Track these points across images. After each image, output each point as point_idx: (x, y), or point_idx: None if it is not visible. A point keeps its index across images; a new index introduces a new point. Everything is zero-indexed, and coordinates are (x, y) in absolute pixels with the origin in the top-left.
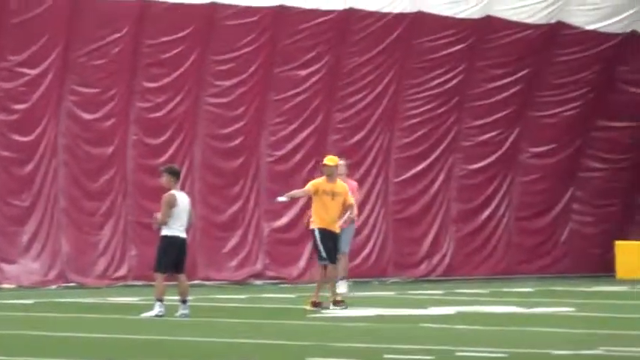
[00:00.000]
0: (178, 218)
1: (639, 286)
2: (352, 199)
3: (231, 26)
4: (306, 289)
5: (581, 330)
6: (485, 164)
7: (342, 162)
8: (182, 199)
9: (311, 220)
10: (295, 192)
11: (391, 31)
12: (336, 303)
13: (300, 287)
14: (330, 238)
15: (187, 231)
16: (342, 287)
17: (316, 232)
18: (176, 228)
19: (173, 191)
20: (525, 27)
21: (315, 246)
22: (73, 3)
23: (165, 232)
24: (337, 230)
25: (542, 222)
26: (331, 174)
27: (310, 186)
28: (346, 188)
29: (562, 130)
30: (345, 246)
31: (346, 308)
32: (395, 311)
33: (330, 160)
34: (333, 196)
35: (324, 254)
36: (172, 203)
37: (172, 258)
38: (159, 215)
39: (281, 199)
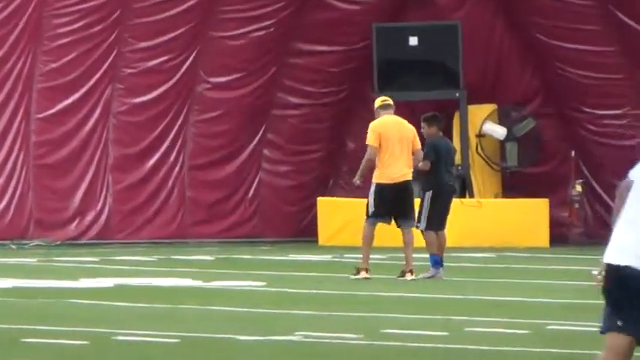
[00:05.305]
0: None
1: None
2: None
3: None
4: None
5: (271, 310)
6: (152, 97)
7: None
8: None
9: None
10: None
11: None
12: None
13: None
14: None
15: None
16: None
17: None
18: None
19: None
20: None
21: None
22: None
23: None
24: None
25: (225, 172)
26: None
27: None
28: None
29: (251, 56)
30: None
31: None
32: (37, 283)
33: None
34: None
35: None
36: None
37: None
38: None
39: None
